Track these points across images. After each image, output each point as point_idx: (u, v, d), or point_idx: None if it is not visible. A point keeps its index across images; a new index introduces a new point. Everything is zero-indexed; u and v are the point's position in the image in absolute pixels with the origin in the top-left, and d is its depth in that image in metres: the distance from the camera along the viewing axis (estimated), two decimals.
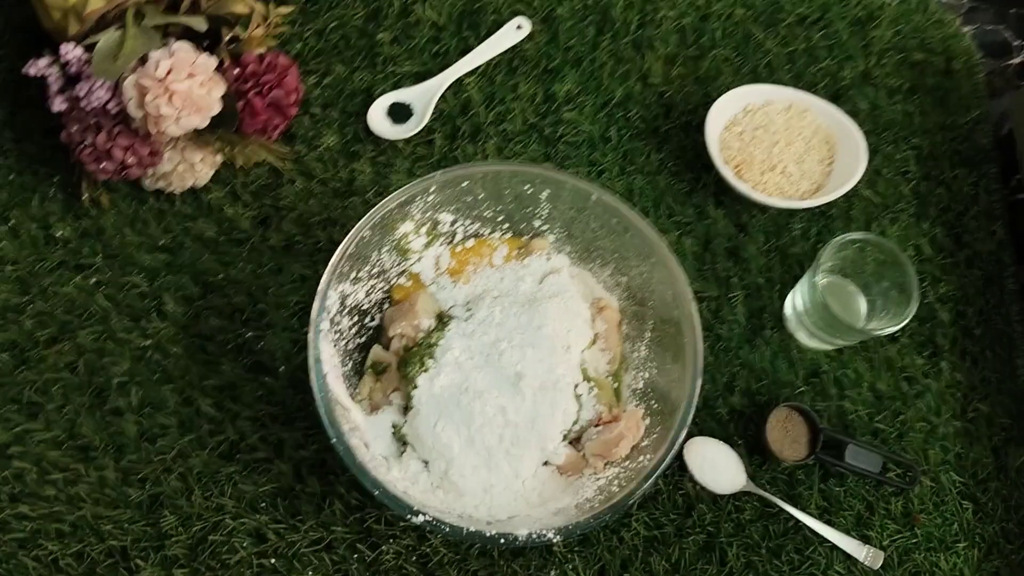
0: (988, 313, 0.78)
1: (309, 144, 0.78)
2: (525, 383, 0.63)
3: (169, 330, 0.71)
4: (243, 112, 0.69)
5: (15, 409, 0.68)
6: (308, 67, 0.80)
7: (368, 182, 0.77)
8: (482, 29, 0.82)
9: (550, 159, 0.79)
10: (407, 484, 0.63)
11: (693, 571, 0.68)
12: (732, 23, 0.86)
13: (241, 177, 0.76)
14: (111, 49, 0.65)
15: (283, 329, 0.72)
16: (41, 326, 0.70)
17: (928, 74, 0.86)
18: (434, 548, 0.67)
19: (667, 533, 0.68)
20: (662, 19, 0.85)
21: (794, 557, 0.68)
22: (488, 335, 0.65)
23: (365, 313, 0.69)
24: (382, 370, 0.67)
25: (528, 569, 0.67)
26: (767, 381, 0.73)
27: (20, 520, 0.66)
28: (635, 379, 0.69)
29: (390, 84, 0.80)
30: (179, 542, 0.66)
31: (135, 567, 0.65)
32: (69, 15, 0.67)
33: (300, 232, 0.75)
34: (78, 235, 0.73)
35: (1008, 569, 0.71)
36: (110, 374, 0.70)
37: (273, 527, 0.66)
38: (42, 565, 0.65)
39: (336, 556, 0.66)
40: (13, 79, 0.76)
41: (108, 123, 0.66)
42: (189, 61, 0.65)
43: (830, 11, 0.87)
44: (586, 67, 0.83)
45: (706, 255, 0.77)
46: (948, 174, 0.82)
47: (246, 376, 0.70)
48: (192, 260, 0.73)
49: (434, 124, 0.79)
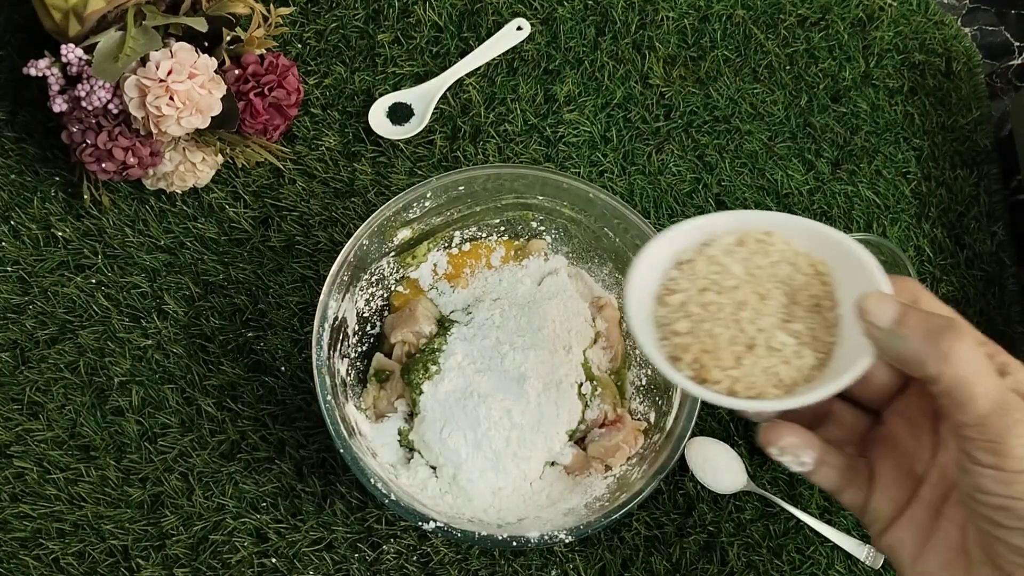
0: (989, 314, 0.78)
1: (310, 144, 0.78)
2: (529, 385, 0.63)
3: (170, 330, 0.71)
4: (244, 112, 0.70)
5: (16, 409, 0.68)
6: (308, 67, 0.80)
7: (369, 182, 0.77)
8: (482, 30, 0.82)
9: (551, 160, 0.79)
10: (416, 491, 0.63)
11: (694, 571, 0.68)
12: (732, 24, 0.86)
13: (242, 177, 0.76)
14: (112, 50, 0.65)
15: (284, 329, 0.72)
16: (42, 326, 0.71)
17: (929, 75, 0.87)
18: (435, 548, 0.67)
19: (668, 533, 0.68)
20: (662, 20, 0.85)
21: (795, 557, 0.68)
22: (489, 338, 0.66)
23: (366, 321, 0.69)
24: (385, 378, 0.68)
25: (529, 569, 0.67)
26: None
27: (21, 519, 0.66)
28: (638, 376, 0.69)
29: (390, 85, 0.80)
30: (180, 541, 0.66)
31: (136, 566, 0.65)
32: (70, 16, 0.67)
33: (301, 232, 0.75)
34: (79, 235, 0.73)
35: None
36: (111, 374, 0.70)
37: (274, 526, 0.67)
38: (43, 564, 0.65)
39: (337, 555, 0.66)
40: (13, 80, 0.76)
41: (109, 124, 0.67)
42: (190, 62, 0.65)
43: (830, 12, 0.87)
44: (586, 68, 0.83)
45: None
46: (949, 175, 0.83)
47: (247, 376, 0.70)
48: (193, 260, 0.73)
49: (434, 124, 0.79)
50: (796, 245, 0.44)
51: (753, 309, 0.43)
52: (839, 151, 0.82)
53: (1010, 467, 0.34)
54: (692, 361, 0.43)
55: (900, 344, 0.37)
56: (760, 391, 0.41)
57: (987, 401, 0.35)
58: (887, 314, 0.38)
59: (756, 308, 0.43)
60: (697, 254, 0.45)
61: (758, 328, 0.42)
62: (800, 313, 0.43)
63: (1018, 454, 0.34)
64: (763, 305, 0.43)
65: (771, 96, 0.83)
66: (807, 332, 0.42)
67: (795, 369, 0.42)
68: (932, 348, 0.36)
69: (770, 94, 0.83)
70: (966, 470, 0.36)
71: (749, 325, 0.42)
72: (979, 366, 0.36)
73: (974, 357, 0.36)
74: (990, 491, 0.35)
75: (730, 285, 0.43)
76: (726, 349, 0.42)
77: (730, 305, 0.43)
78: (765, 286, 0.43)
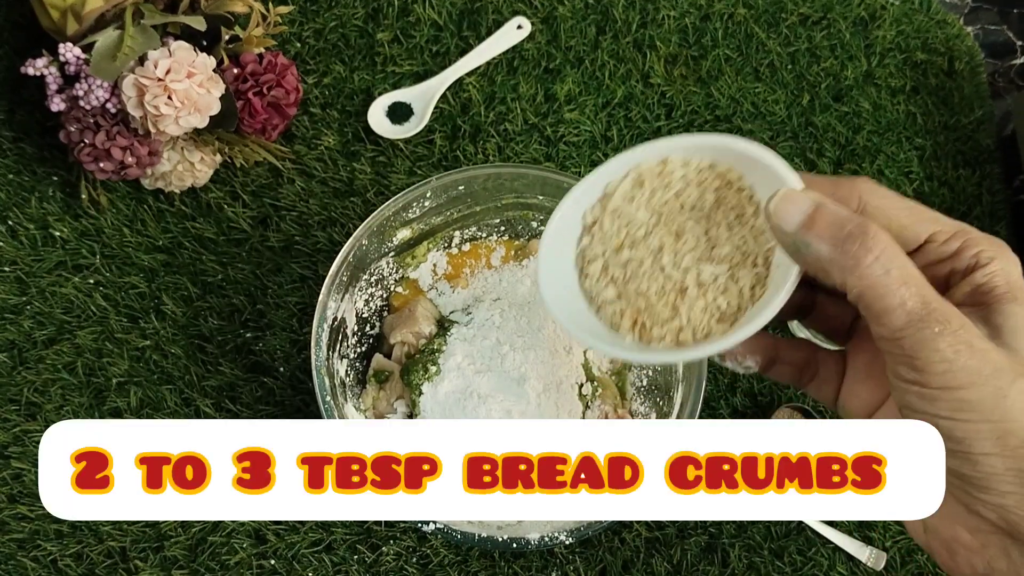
0: None
1: (309, 144, 0.77)
2: (529, 385, 0.63)
3: (168, 330, 0.71)
4: (242, 112, 0.69)
5: (14, 410, 0.68)
6: (307, 67, 0.80)
7: (368, 182, 0.76)
8: (482, 29, 0.82)
9: (551, 159, 0.79)
10: None
11: (695, 572, 0.67)
12: (734, 23, 0.85)
13: (240, 177, 0.76)
14: (110, 49, 0.65)
15: (282, 329, 0.71)
16: (39, 326, 0.70)
17: (931, 74, 0.86)
18: (435, 549, 0.66)
19: (669, 534, 0.68)
20: (663, 19, 0.84)
21: (796, 559, 0.68)
22: (489, 339, 0.65)
23: (365, 321, 0.69)
24: (385, 379, 0.67)
25: (529, 570, 0.66)
26: (769, 381, 0.73)
27: (19, 521, 0.66)
28: (639, 376, 0.69)
29: (390, 84, 0.80)
30: (178, 543, 0.66)
31: (134, 568, 0.65)
32: (67, 14, 0.67)
33: (300, 232, 0.74)
34: (77, 235, 0.73)
35: None
36: (109, 374, 0.69)
37: (273, 528, 0.66)
38: (41, 566, 0.65)
39: (336, 557, 0.66)
40: (11, 78, 0.76)
41: (107, 123, 0.66)
42: (188, 60, 0.65)
43: (832, 11, 0.87)
44: (587, 67, 0.82)
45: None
46: (951, 175, 0.82)
47: (245, 376, 0.70)
48: (191, 260, 0.73)
49: (434, 124, 0.79)
50: (696, 163, 0.40)
51: (671, 251, 0.40)
52: (841, 151, 0.82)
53: (932, 384, 0.31)
54: (632, 326, 0.40)
55: (807, 251, 0.33)
56: (708, 331, 0.39)
57: (902, 313, 0.31)
58: (794, 216, 0.33)
59: (674, 249, 0.40)
60: (601, 212, 0.42)
61: (683, 269, 0.40)
62: (723, 234, 0.39)
63: (938, 370, 0.30)
64: (680, 244, 0.40)
65: (773, 95, 0.83)
66: (737, 251, 0.39)
67: (735, 295, 0.38)
68: (841, 255, 0.32)
69: (772, 93, 0.83)
70: (893, 385, 0.33)
71: (673, 270, 0.40)
72: (896, 274, 0.31)
73: (888, 263, 0.31)
74: (916, 408, 0.32)
75: (641, 235, 0.41)
76: (659, 303, 0.40)
77: (648, 256, 0.40)
78: (677, 221, 0.40)
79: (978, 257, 0.34)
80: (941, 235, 0.35)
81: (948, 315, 0.31)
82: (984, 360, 0.30)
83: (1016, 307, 0.32)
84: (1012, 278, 0.33)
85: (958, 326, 0.31)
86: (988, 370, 0.30)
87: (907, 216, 0.35)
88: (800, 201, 0.34)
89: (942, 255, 0.34)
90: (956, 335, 0.30)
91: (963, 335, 0.30)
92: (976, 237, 0.34)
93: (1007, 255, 0.34)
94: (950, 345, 0.30)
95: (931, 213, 0.35)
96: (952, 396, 0.31)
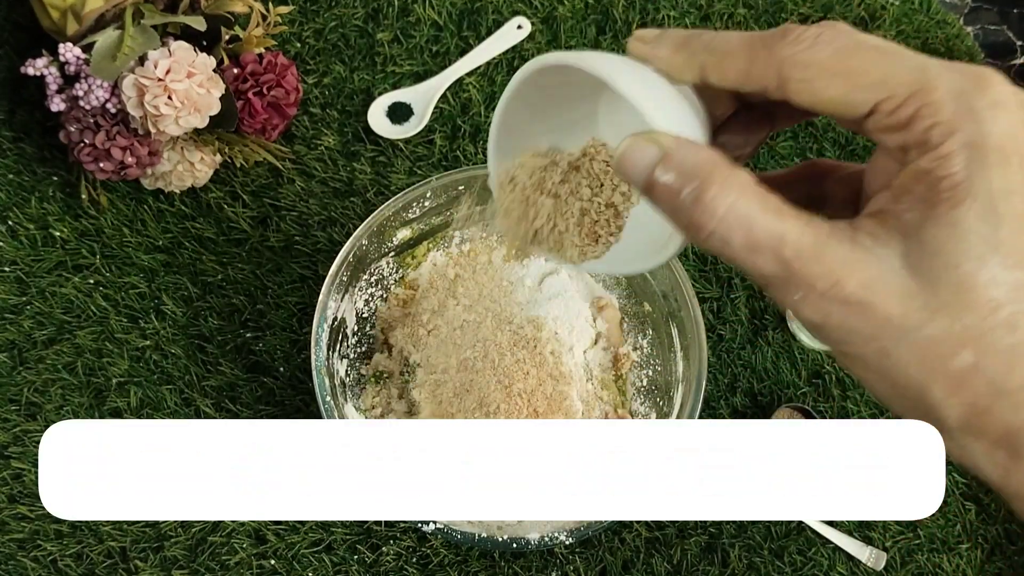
0: None
1: (308, 144, 0.77)
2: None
3: (168, 330, 0.71)
4: (242, 112, 0.69)
5: (14, 410, 0.68)
6: (307, 67, 0.80)
7: (368, 182, 0.76)
8: (482, 29, 0.82)
9: None
10: None
11: (695, 572, 0.67)
12: (734, 23, 0.85)
13: (240, 177, 0.76)
14: (110, 49, 0.65)
15: (282, 329, 0.71)
16: (39, 326, 0.70)
17: None
18: (435, 549, 0.66)
19: (669, 534, 0.68)
20: (663, 19, 0.84)
21: (796, 559, 0.68)
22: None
23: (365, 321, 0.69)
24: (385, 379, 0.67)
25: (529, 571, 0.66)
26: (769, 382, 0.73)
27: (19, 521, 0.66)
28: (639, 377, 0.69)
29: (390, 84, 0.80)
30: (178, 543, 0.66)
31: (134, 568, 0.65)
32: (67, 14, 0.67)
33: (299, 232, 0.74)
34: (77, 235, 0.73)
35: (1011, 570, 0.70)
36: (109, 374, 0.69)
37: (273, 528, 0.66)
38: (41, 566, 0.65)
39: (336, 557, 0.66)
40: (11, 78, 0.76)
41: (107, 123, 0.66)
42: (188, 60, 0.65)
43: (832, 11, 0.87)
44: None
45: (708, 255, 0.77)
46: None
47: (245, 377, 0.70)
48: (191, 260, 0.73)
49: (434, 124, 0.79)
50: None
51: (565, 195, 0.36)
52: (841, 151, 0.82)
53: (818, 337, 0.28)
54: (551, 247, 0.37)
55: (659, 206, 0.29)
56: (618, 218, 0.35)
57: (761, 279, 0.27)
58: (638, 174, 0.29)
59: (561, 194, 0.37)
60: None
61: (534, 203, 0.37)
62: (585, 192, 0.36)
63: (814, 330, 0.27)
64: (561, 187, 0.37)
65: None
66: None
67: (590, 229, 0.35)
68: (684, 224, 0.28)
69: None
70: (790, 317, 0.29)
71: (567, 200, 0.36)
72: (740, 242, 0.27)
73: (726, 233, 0.27)
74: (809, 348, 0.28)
75: None
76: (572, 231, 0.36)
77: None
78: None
79: (929, 134, 0.25)
80: (889, 102, 0.26)
81: (811, 276, 0.26)
82: (863, 318, 0.26)
83: (958, 212, 0.24)
84: (971, 163, 0.24)
85: (826, 286, 0.26)
86: (868, 330, 0.26)
87: (841, 86, 0.27)
88: (644, 153, 0.28)
89: (892, 125, 0.26)
90: (823, 296, 0.26)
91: (835, 292, 0.26)
92: (936, 101, 0.25)
93: (975, 123, 0.25)
94: (816, 311, 0.26)
95: (879, 71, 0.26)
96: (836, 352, 0.28)
